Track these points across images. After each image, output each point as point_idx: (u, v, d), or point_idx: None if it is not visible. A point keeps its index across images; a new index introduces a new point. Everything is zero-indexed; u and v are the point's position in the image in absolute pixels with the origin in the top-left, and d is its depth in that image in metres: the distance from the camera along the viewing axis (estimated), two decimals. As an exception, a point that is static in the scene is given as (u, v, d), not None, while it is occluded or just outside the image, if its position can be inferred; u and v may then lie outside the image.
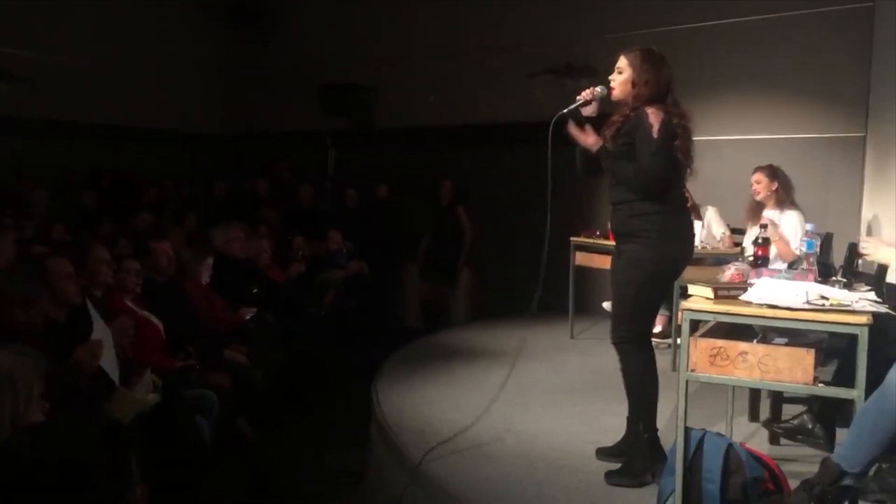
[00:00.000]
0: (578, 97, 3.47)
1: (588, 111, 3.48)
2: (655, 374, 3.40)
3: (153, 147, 9.42)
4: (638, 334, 3.39)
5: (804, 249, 3.41)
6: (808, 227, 3.62)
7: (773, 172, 5.49)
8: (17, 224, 6.31)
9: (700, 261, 5.44)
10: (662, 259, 3.32)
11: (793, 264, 5.14)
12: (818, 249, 3.48)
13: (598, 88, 3.43)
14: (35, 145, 8.33)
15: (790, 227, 5.22)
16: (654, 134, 3.22)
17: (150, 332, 4.36)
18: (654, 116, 3.24)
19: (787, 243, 5.20)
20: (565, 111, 3.46)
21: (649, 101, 3.29)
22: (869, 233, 5.74)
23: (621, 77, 3.37)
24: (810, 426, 3.51)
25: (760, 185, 5.44)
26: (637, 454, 3.37)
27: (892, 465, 3.06)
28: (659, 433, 3.41)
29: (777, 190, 5.39)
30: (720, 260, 5.21)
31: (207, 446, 4.09)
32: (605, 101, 3.47)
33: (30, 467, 2.49)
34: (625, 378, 3.44)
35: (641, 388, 3.39)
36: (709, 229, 5.95)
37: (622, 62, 3.38)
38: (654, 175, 3.23)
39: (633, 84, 3.33)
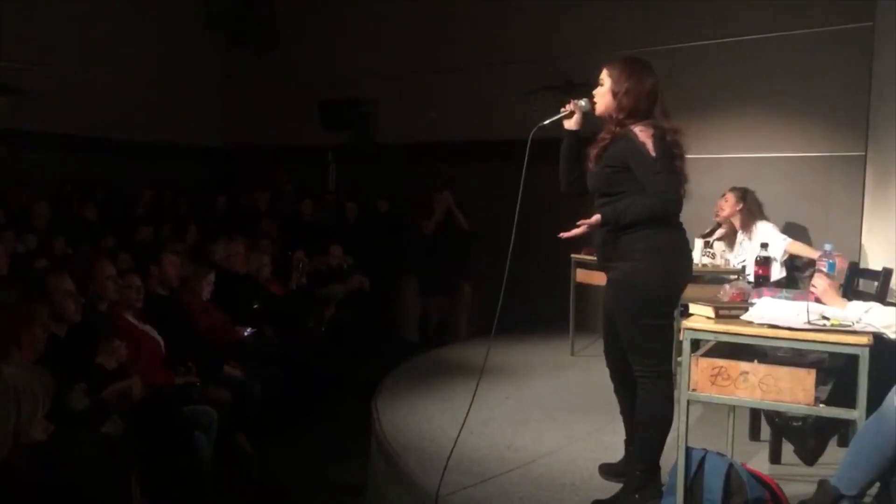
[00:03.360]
0: (562, 109, 3.34)
1: (570, 124, 3.34)
2: (667, 415, 3.16)
3: (153, 160, 9.43)
4: (652, 368, 3.15)
5: (825, 270, 3.39)
6: (827, 247, 3.60)
7: (742, 196, 5.80)
8: (18, 237, 6.33)
9: (699, 279, 5.46)
10: (657, 280, 3.10)
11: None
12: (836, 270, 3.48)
13: (582, 101, 3.30)
14: (34, 158, 8.32)
15: (768, 236, 5.45)
16: (652, 152, 3.02)
17: (150, 347, 4.37)
18: (643, 134, 3.05)
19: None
20: (546, 122, 3.34)
21: (633, 114, 3.11)
22: (865, 253, 5.78)
23: (602, 89, 3.21)
24: (804, 435, 3.49)
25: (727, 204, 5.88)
26: (630, 488, 3.24)
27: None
28: (659, 465, 3.29)
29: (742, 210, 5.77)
30: (719, 278, 5.23)
31: (207, 462, 4.09)
32: (592, 119, 3.36)
33: (29, 484, 2.48)
34: (636, 411, 3.27)
35: (646, 425, 3.22)
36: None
37: (603, 73, 3.22)
38: (666, 196, 3.02)
39: (614, 95, 3.16)
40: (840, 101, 6.30)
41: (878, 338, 2.81)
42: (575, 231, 3.14)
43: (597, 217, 3.10)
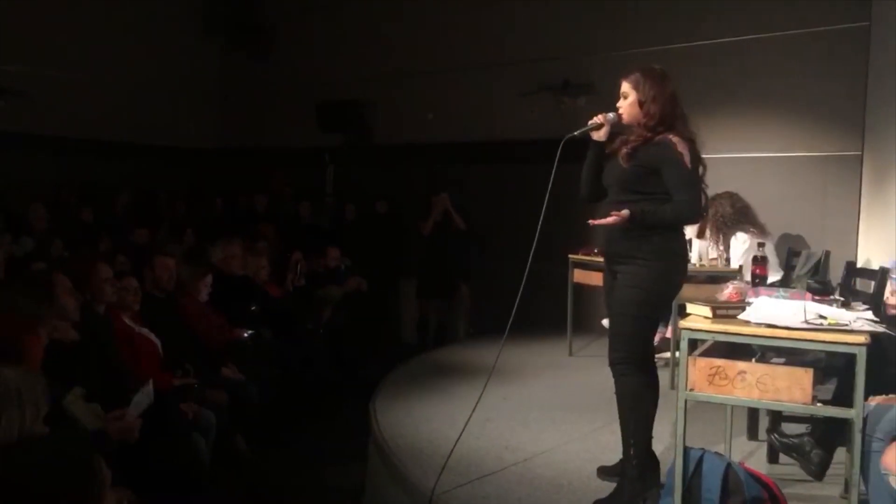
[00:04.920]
0: (591, 121, 3.45)
1: (599, 135, 3.46)
2: (652, 397, 3.33)
3: (152, 163, 9.43)
4: (637, 355, 3.33)
5: None
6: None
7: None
8: (15, 240, 6.33)
9: (695, 279, 5.45)
10: (662, 280, 3.29)
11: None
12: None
13: (611, 114, 3.42)
14: (30, 160, 8.31)
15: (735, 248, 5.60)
16: (689, 164, 3.21)
17: (147, 349, 4.36)
18: (681, 146, 3.22)
19: None
20: (576, 133, 3.46)
21: (663, 119, 3.27)
22: (862, 253, 5.77)
23: (628, 101, 3.36)
24: (808, 448, 3.50)
25: None
26: (627, 480, 3.30)
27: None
28: (656, 455, 3.37)
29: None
30: (715, 278, 5.22)
31: (205, 463, 4.08)
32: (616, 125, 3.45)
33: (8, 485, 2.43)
34: (618, 400, 3.38)
35: (632, 411, 3.32)
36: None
37: (625, 86, 3.37)
38: (694, 206, 3.25)
39: (641, 104, 3.31)
40: (836, 100, 6.30)
41: (875, 336, 2.81)
42: (605, 220, 3.26)
43: (626, 211, 3.21)
